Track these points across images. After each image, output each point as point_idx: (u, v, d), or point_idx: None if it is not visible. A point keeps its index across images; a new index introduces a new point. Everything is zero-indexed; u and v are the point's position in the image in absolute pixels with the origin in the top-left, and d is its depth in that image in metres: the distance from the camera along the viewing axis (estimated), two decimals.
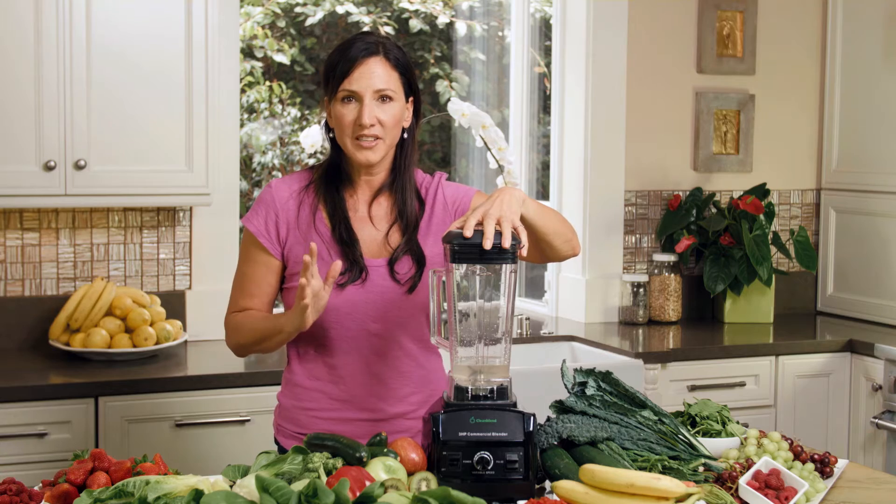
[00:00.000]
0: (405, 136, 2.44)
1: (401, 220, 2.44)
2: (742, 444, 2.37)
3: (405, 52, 2.43)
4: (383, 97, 2.36)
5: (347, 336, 2.40)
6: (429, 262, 2.42)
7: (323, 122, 2.48)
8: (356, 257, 2.38)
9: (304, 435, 2.43)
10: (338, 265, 2.18)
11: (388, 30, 5.66)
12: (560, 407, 2.37)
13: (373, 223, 2.44)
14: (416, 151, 2.48)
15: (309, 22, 5.62)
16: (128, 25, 3.41)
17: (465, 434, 2.12)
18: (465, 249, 2.13)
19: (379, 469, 2.05)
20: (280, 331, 2.30)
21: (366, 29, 5.64)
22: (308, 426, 2.44)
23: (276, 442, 2.53)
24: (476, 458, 2.10)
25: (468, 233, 2.13)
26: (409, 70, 2.42)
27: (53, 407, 3.16)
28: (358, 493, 1.87)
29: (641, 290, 4.25)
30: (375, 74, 2.35)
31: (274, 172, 5.53)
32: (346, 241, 2.39)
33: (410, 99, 2.44)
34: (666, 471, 2.22)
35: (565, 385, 2.41)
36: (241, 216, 3.86)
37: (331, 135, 2.44)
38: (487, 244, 2.11)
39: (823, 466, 2.31)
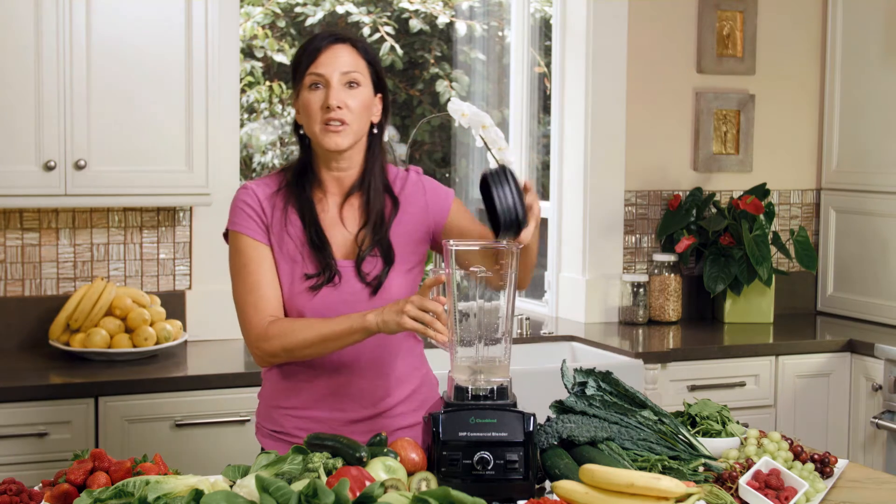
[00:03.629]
0: (374, 131, 2.41)
1: (369, 218, 2.40)
2: (742, 444, 2.37)
3: (374, 49, 2.42)
4: (350, 83, 2.34)
5: None
6: (399, 259, 2.40)
7: (293, 121, 2.43)
8: (328, 260, 2.36)
9: (280, 434, 2.44)
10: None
11: (388, 30, 5.66)
12: (560, 407, 2.37)
13: (344, 224, 2.41)
14: (385, 150, 2.45)
15: (309, 22, 5.62)
16: (128, 25, 3.41)
17: (465, 434, 2.12)
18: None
19: (379, 469, 2.05)
20: (354, 331, 2.26)
21: (365, 29, 5.64)
22: (283, 424, 2.43)
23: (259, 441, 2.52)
24: (476, 458, 2.10)
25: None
26: (377, 62, 2.41)
27: (53, 407, 3.16)
28: (358, 493, 1.87)
29: (641, 290, 4.25)
30: (342, 58, 2.34)
31: None
32: (316, 244, 2.36)
33: (379, 96, 2.42)
34: (666, 471, 2.22)
35: (565, 385, 2.41)
36: None
37: (301, 131, 2.40)
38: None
39: (823, 466, 2.31)
